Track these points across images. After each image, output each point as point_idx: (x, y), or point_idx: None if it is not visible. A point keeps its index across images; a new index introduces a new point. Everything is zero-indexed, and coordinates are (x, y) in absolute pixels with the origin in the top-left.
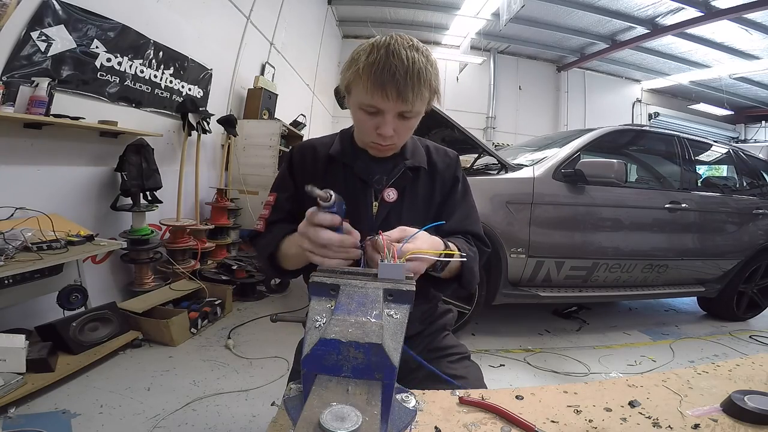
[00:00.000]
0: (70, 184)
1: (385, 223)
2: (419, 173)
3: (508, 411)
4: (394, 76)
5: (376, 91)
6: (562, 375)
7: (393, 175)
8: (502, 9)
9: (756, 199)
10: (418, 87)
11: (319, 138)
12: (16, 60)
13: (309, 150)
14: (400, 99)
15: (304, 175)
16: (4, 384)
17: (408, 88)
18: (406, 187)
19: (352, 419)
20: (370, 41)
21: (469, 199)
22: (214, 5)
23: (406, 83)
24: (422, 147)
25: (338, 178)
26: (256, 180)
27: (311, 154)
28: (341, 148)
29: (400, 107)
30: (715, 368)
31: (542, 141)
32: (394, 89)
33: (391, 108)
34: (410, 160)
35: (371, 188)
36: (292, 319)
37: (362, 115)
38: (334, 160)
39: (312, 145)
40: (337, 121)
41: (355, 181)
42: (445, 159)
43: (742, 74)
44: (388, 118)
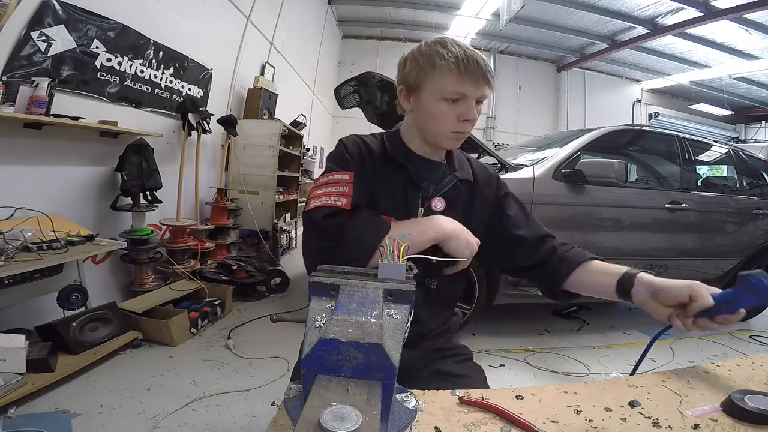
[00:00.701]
0: (70, 184)
1: None
2: (463, 186)
3: (508, 411)
4: (478, 64)
5: (467, 79)
6: (562, 375)
7: (443, 185)
8: (502, 9)
9: (756, 199)
10: (491, 73)
11: (362, 135)
12: (16, 60)
13: (363, 144)
14: (486, 84)
15: (363, 165)
16: (4, 384)
17: (489, 75)
18: (452, 198)
19: (352, 419)
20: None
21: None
22: (214, 5)
23: (488, 71)
24: (465, 159)
25: (393, 177)
26: (256, 180)
27: (367, 150)
28: (396, 149)
29: (483, 91)
30: (715, 368)
31: (542, 141)
32: (480, 75)
33: (475, 93)
34: (459, 173)
35: (420, 192)
36: (292, 319)
37: (444, 106)
38: (389, 159)
39: (362, 139)
40: (337, 121)
41: (407, 183)
42: (484, 173)
43: (742, 74)
44: (472, 103)
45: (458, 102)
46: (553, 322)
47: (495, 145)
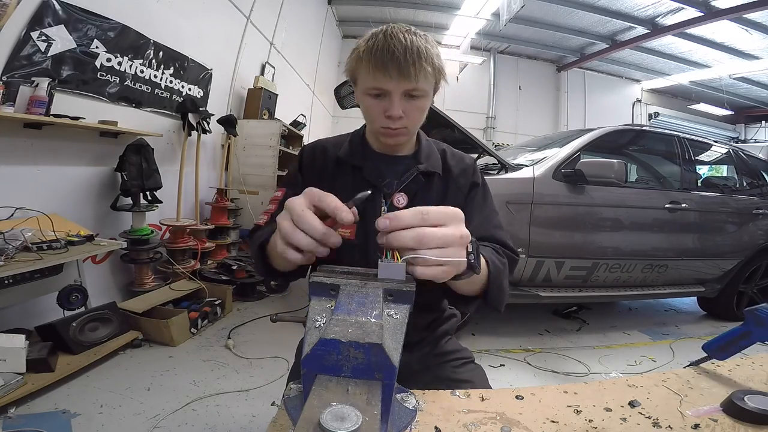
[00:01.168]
0: (70, 184)
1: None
2: (433, 178)
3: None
4: (393, 54)
5: (378, 72)
6: (562, 375)
7: (404, 180)
8: (502, 9)
9: (756, 199)
10: (419, 63)
11: (332, 138)
12: (16, 60)
13: (319, 150)
14: (402, 76)
15: (312, 175)
16: (4, 384)
17: (409, 65)
18: (417, 192)
19: (352, 419)
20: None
21: (489, 204)
22: (214, 5)
23: (407, 60)
24: (438, 151)
25: (347, 181)
26: (256, 180)
27: (321, 155)
28: (351, 150)
29: (404, 85)
30: (715, 368)
31: (542, 141)
32: (395, 67)
33: (395, 87)
34: (424, 164)
35: (380, 192)
36: (292, 319)
37: (369, 101)
38: (342, 163)
39: (322, 145)
40: (337, 121)
41: (363, 185)
42: (461, 164)
43: (742, 74)
44: (395, 98)
45: (381, 97)
46: (553, 322)
47: (495, 145)
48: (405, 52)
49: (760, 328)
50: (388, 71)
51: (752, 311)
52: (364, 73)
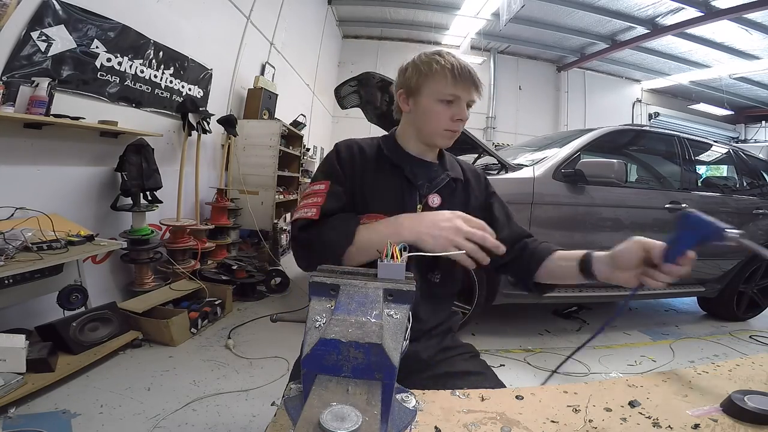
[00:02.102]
0: (70, 184)
1: None
2: (457, 184)
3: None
4: (470, 71)
5: (459, 84)
6: (562, 375)
7: (438, 183)
8: (502, 9)
9: (756, 199)
10: (481, 83)
11: (364, 139)
12: (16, 60)
13: (357, 148)
14: (476, 90)
15: (353, 170)
16: (4, 384)
17: (479, 83)
18: (446, 195)
19: (352, 419)
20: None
21: (507, 209)
22: (214, 5)
23: (478, 78)
24: (456, 161)
25: (388, 178)
26: (256, 180)
27: (359, 151)
28: (390, 149)
29: (473, 96)
30: (715, 368)
31: (542, 141)
32: (472, 81)
33: (467, 96)
34: (451, 172)
35: (417, 191)
36: (292, 319)
37: (439, 106)
38: (383, 160)
39: (358, 144)
40: (337, 121)
41: (403, 182)
42: (475, 175)
43: (742, 74)
44: (464, 105)
45: (452, 103)
46: (553, 322)
47: (495, 145)
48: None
49: (691, 233)
50: (466, 84)
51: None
52: (442, 82)
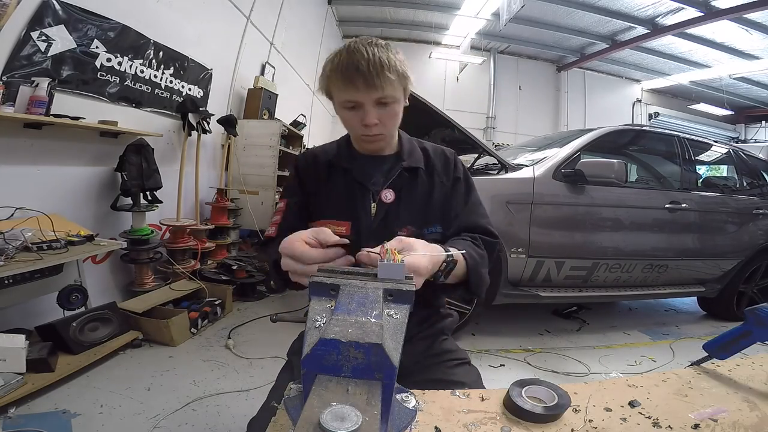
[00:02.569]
0: (70, 184)
1: (383, 223)
2: (417, 173)
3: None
4: (358, 68)
5: (348, 86)
6: (562, 375)
7: (390, 176)
8: (502, 9)
9: (756, 199)
10: (383, 73)
11: (321, 146)
12: (16, 60)
13: (311, 158)
14: (370, 87)
15: (309, 181)
16: (4, 384)
17: (373, 76)
18: (403, 187)
19: (352, 419)
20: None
21: (473, 195)
22: (214, 5)
23: (371, 72)
24: (419, 149)
25: (339, 182)
26: (256, 180)
27: (313, 162)
28: (339, 154)
29: (373, 95)
30: (715, 368)
31: (542, 141)
32: (361, 80)
33: (365, 98)
34: (407, 161)
35: (369, 191)
36: (292, 319)
37: (346, 113)
38: (333, 165)
39: (313, 153)
40: (337, 121)
41: (353, 185)
42: (443, 159)
43: (742, 74)
44: (368, 108)
45: (355, 108)
46: (553, 322)
47: (495, 145)
48: (368, 65)
49: (761, 328)
50: (355, 84)
51: (753, 311)
52: (336, 89)
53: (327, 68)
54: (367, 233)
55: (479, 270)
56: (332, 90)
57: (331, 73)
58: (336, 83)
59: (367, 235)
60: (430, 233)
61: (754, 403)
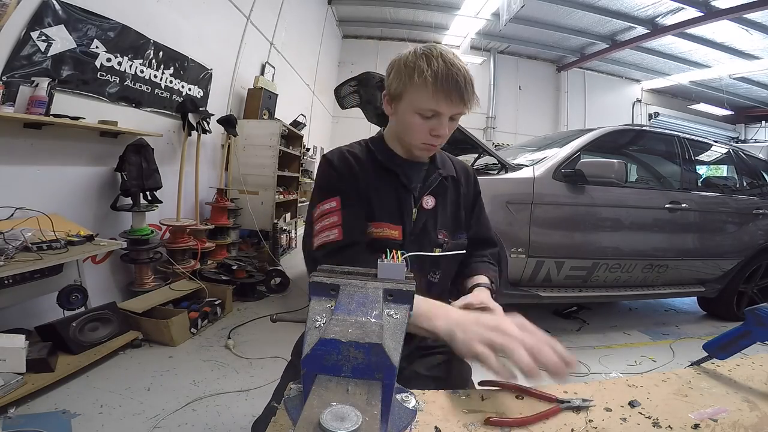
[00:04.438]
0: (70, 184)
1: (424, 228)
2: (449, 182)
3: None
4: (458, 83)
5: (442, 97)
6: None
7: (430, 183)
8: (502, 9)
9: (756, 199)
10: (473, 93)
11: (350, 145)
12: (16, 60)
13: (350, 155)
14: (462, 103)
15: (356, 178)
16: (4, 384)
17: (468, 95)
18: (440, 194)
19: (352, 419)
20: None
21: (483, 208)
22: (214, 5)
23: (466, 89)
24: (447, 159)
25: (387, 184)
26: (256, 180)
27: (355, 160)
28: (385, 156)
29: (458, 110)
30: (716, 368)
31: (542, 141)
32: (458, 95)
33: (450, 111)
34: (443, 170)
35: (411, 194)
36: (292, 319)
37: (418, 119)
38: (380, 167)
39: (348, 151)
40: (337, 121)
41: (399, 188)
42: (466, 172)
43: (742, 74)
44: (445, 120)
45: (431, 117)
46: (553, 322)
47: (495, 145)
48: (465, 82)
49: (761, 328)
50: (451, 98)
51: (753, 311)
52: (423, 94)
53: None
54: (409, 238)
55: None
56: (412, 93)
57: (427, 79)
58: (426, 90)
59: (409, 240)
60: (460, 239)
61: (754, 403)
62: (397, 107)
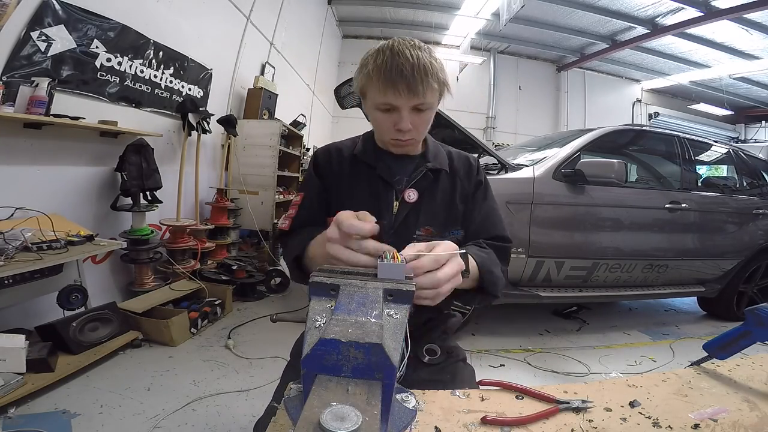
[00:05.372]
0: (70, 184)
1: (404, 222)
2: (440, 176)
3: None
4: (402, 73)
5: (388, 89)
6: (562, 375)
7: (414, 176)
8: (502, 9)
9: (756, 199)
10: (426, 80)
11: (342, 141)
12: (16, 60)
13: (334, 151)
14: (412, 93)
15: (329, 174)
16: (4, 384)
17: (417, 82)
18: (426, 188)
19: (352, 419)
20: (376, 47)
21: (489, 202)
22: (214, 5)
23: (414, 78)
24: (444, 151)
25: (362, 179)
26: (256, 180)
27: (336, 156)
28: (364, 149)
29: (412, 101)
30: (716, 368)
31: (542, 141)
32: (404, 85)
33: (404, 103)
34: (432, 162)
35: (393, 188)
36: (292, 319)
37: (379, 115)
38: (357, 161)
39: (336, 147)
40: (337, 121)
41: (377, 182)
42: (466, 164)
43: (742, 74)
44: (404, 113)
45: (391, 111)
46: (553, 322)
47: (495, 145)
48: (413, 70)
49: (761, 328)
50: (397, 89)
51: (753, 311)
52: (374, 90)
53: (367, 66)
54: (388, 232)
55: (489, 268)
56: (368, 89)
57: (372, 72)
58: (375, 84)
59: (387, 234)
60: (451, 236)
61: (754, 403)
62: (365, 105)
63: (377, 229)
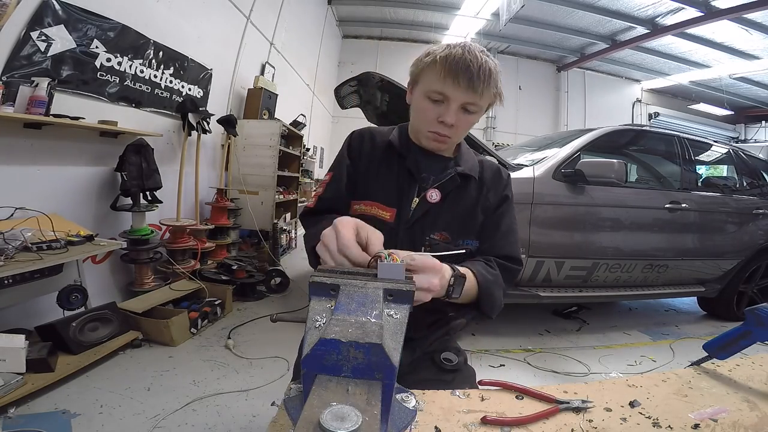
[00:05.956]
0: (70, 184)
1: (420, 221)
2: (468, 182)
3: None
4: (468, 67)
5: (449, 78)
6: (562, 375)
7: (441, 177)
8: (502, 9)
9: (756, 199)
10: (486, 83)
11: (377, 128)
12: (16, 60)
13: (368, 136)
14: (470, 89)
15: (361, 157)
16: (4, 384)
17: (479, 81)
18: (451, 191)
19: (352, 419)
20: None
21: (510, 219)
22: (214, 5)
23: (478, 76)
24: (477, 159)
25: (390, 166)
26: (256, 180)
27: (369, 139)
28: (399, 139)
29: (467, 97)
30: (716, 368)
31: (542, 141)
32: (465, 78)
33: (458, 96)
34: (462, 167)
35: (417, 183)
36: (292, 319)
37: (427, 104)
38: (390, 148)
39: (371, 132)
40: (337, 121)
41: (404, 172)
42: (496, 175)
43: (742, 74)
44: (453, 107)
45: (440, 103)
46: (553, 322)
47: (495, 145)
48: (479, 69)
49: (761, 328)
50: (458, 80)
51: (752, 311)
52: (433, 76)
53: (433, 55)
54: (404, 225)
55: (491, 290)
56: (425, 75)
57: (437, 60)
58: (435, 71)
59: (404, 227)
60: (466, 245)
61: (754, 403)
62: (413, 92)
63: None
